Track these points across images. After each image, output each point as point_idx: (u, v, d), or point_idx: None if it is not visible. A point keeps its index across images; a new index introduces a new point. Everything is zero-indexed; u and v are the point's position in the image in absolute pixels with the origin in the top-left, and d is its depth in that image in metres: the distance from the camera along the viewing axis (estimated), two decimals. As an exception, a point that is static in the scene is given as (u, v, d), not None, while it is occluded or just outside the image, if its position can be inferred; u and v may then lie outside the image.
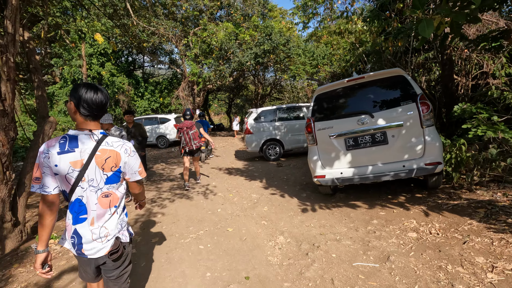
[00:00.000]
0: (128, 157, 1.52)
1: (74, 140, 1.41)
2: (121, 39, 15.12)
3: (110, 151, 1.46)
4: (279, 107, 9.18)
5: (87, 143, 1.42)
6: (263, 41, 13.70)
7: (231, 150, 12.26)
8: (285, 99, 29.11)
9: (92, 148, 1.42)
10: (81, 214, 1.47)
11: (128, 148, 1.53)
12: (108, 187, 1.49)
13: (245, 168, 8.01)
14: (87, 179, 1.43)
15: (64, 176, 1.40)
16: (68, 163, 1.38)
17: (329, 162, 3.83)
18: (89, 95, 1.40)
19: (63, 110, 17.25)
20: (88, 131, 1.44)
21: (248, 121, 9.06)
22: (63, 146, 1.39)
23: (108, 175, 1.47)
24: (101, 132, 1.49)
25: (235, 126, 17.48)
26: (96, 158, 1.43)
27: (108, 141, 1.48)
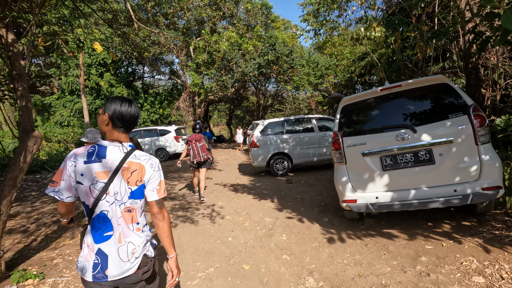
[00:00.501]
0: (153, 172, 1.47)
1: (103, 150, 1.40)
2: (121, 49, 14.75)
3: (137, 164, 1.44)
4: (287, 119, 8.67)
5: (116, 154, 1.41)
6: (267, 51, 13.35)
7: (234, 164, 11.68)
8: (286, 111, 28.75)
9: (120, 160, 1.41)
10: (106, 231, 1.40)
11: (154, 163, 1.50)
12: (131, 202, 1.44)
13: (252, 185, 7.41)
14: (112, 192, 1.39)
15: (88, 187, 1.38)
16: (94, 173, 1.37)
17: (362, 185, 3.27)
18: (124, 108, 1.43)
19: (59, 121, 16.71)
20: (118, 143, 1.44)
21: (254, 134, 8.52)
22: (91, 155, 1.38)
23: (132, 189, 1.43)
24: (130, 145, 1.48)
25: (238, 138, 16.77)
26: (122, 171, 1.41)
27: (136, 154, 1.46)
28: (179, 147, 13.27)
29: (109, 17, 10.89)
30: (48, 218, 5.29)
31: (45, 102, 18.78)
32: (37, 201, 6.70)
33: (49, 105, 18.61)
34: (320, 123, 8.68)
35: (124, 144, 1.45)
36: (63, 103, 17.61)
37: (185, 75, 16.17)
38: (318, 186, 6.40)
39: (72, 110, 16.48)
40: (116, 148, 1.42)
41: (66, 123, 16.51)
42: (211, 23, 13.78)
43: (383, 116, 3.30)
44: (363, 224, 3.83)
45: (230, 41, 12.67)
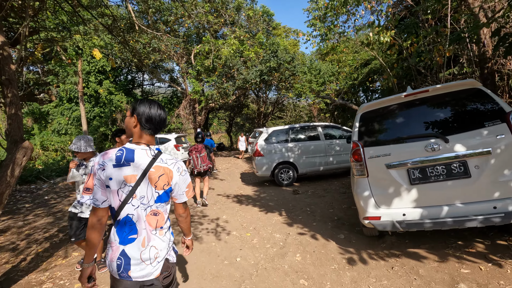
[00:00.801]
0: (180, 176, 1.48)
1: (131, 154, 1.40)
2: (120, 56, 14.55)
3: (164, 168, 1.44)
4: (291, 127, 8.39)
5: (143, 158, 1.41)
6: (269, 58, 13.17)
7: (236, 173, 11.34)
8: (287, 118, 28.54)
9: (147, 163, 1.40)
10: (131, 234, 1.41)
11: (181, 166, 1.51)
12: (157, 206, 1.45)
13: (257, 196, 7.07)
14: (138, 196, 1.40)
15: (116, 191, 1.38)
16: (122, 177, 1.37)
17: (386, 200, 2.95)
18: (153, 111, 1.44)
19: (56, 129, 16.39)
20: (145, 146, 1.44)
21: (258, 142, 8.22)
22: (120, 159, 1.38)
23: (159, 193, 1.43)
24: (157, 149, 1.48)
25: (241, 146, 15.90)
26: (150, 175, 1.40)
27: (163, 158, 1.46)
28: (179, 156, 12.94)
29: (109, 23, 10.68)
30: (40, 234, 4.92)
31: (42, 110, 18.49)
32: (30, 214, 6.33)
33: (46, 113, 18.32)
34: (326, 131, 8.40)
35: (152, 147, 1.46)
36: (61, 111, 17.32)
37: (185, 83, 15.95)
38: (327, 198, 6.07)
39: (70, 118, 16.19)
40: (143, 151, 1.42)
41: (63, 131, 16.19)
42: (212, 30, 13.62)
43: (409, 124, 3.01)
44: (384, 242, 3.50)
45: (232, 47, 12.49)
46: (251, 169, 12.10)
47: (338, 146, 8.18)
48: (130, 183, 1.38)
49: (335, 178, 8.46)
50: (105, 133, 16.23)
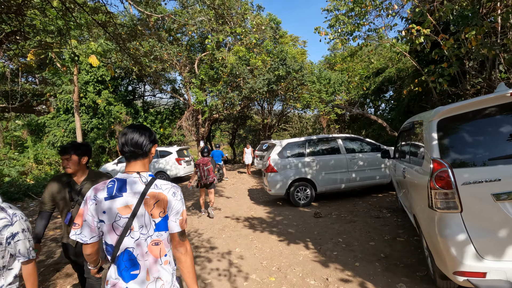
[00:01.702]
0: (175, 201, 1.39)
1: (123, 184, 1.36)
2: (120, 65, 13.84)
3: (159, 194, 1.37)
4: (308, 139, 7.46)
5: (136, 186, 1.36)
6: (277, 66, 12.41)
7: (243, 189, 10.34)
8: (292, 130, 27.70)
9: (142, 191, 1.35)
10: (133, 269, 1.34)
11: (176, 191, 1.42)
12: (158, 235, 1.37)
13: (271, 219, 6.07)
14: (136, 227, 1.33)
15: (110, 225, 1.32)
16: (116, 209, 1.32)
17: (495, 248, 1.98)
18: (126, 137, 1.40)
19: (51, 142, 15.51)
20: (136, 174, 1.39)
21: (271, 157, 7.28)
22: (111, 191, 1.35)
23: (156, 221, 1.36)
24: (150, 175, 1.42)
25: (247, 159, 14.15)
26: (145, 203, 1.34)
27: (157, 183, 1.40)
28: (180, 170, 11.99)
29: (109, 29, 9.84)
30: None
31: (39, 121, 17.69)
32: (5, 243, 5.32)
33: (43, 125, 17.51)
34: (347, 143, 7.48)
35: (143, 174, 1.40)
36: (58, 123, 16.50)
37: (188, 93, 15.18)
38: (359, 223, 5.07)
39: (66, 130, 15.34)
40: (135, 179, 1.37)
41: (58, 144, 15.30)
42: (216, 36, 12.97)
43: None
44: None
45: (238, 55, 11.76)
46: (259, 185, 11.11)
47: (361, 160, 7.22)
48: (125, 215, 1.32)
49: (358, 196, 7.47)
50: (103, 146, 15.32)
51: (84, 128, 15.53)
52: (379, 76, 13.79)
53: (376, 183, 7.31)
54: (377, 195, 7.42)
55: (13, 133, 17.76)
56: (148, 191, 1.34)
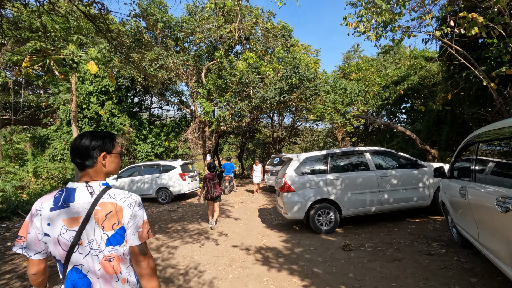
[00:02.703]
0: (132, 212, 1.29)
1: (71, 194, 1.27)
2: (124, 74, 13.20)
3: (112, 204, 1.27)
4: (330, 153, 6.38)
5: (85, 196, 1.26)
6: (289, 74, 11.52)
7: (253, 209, 9.22)
8: (303, 144, 26.62)
9: (92, 202, 1.25)
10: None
11: (134, 201, 1.32)
12: (110, 250, 1.26)
13: (289, 251, 4.94)
14: (85, 242, 1.23)
15: (56, 238, 1.22)
16: (61, 221, 1.23)
17: None
18: (73, 143, 1.33)
19: (52, 154, 14.82)
20: (84, 183, 1.29)
21: (287, 173, 6.20)
22: (58, 201, 1.25)
23: (109, 235, 1.25)
24: (103, 183, 1.32)
25: (256, 177, 12.48)
26: (95, 214, 1.24)
27: (110, 193, 1.31)
28: (184, 186, 10.98)
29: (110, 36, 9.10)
30: None
31: (42, 134, 17.14)
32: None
33: (46, 138, 16.92)
34: (376, 158, 6.36)
35: (92, 183, 1.30)
36: (61, 135, 15.88)
37: (194, 103, 14.38)
38: (407, 263, 3.90)
39: (67, 143, 14.65)
40: (84, 189, 1.28)
41: (59, 157, 14.59)
42: (225, 45, 12.25)
43: None
44: None
45: (248, 62, 10.94)
46: (271, 203, 9.98)
47: (394, 178, 6.08)
48: (72, 228, 1.22)
49: (390, 221, 6.27)
50: (104, 159, 14.53)
51: (86, 140, 14.81)
52: (399, 85, 12.73)
53: (413, 206, 6.12)
54: (414, 220, 6.21)
55: (15, 146, 17.20)
56: (98, 201, 1.25)
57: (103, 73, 14.09)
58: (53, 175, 14.44)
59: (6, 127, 18.37)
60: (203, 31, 12.44)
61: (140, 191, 11.17)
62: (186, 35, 13.37)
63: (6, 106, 18.31)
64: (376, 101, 13.95)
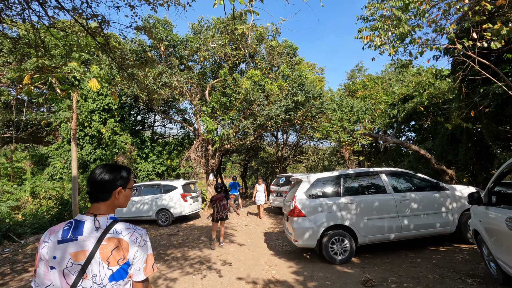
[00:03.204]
0: (138, 248, 1.30)
1: (80, 226, 1.27)
2: (127, 92, 13.04)
3: (118, 240, 1.27)
4: (343, 174, 5.92)
5: (93, 230, 1.26)
6: (295, 91, 11.27)
7: (258, 233, 8.64)
8: (308, 162, 26.12)
9: (98, 237, 1.25)
10: None
11: (139, 236, 1.32)
12: (113, 285, 1.25)
13: (302, 286, 4.38)
14: (90, 275, 1.22)
15: (61, 272, 1.21)
16: (68, 254, 1.22)
17: None
18: (91, 176, 1.35)
19: (51, 173, 14.44)
20: (93, 216, 1.30)
21: (296, 196, 5.73)
22: (66, 233, 1.25)
23: (113, 270, 1.25)
24: (111, 217, 1.33)
25: (259, 199, 11.21)
26: (101, 249, 1.24)
27: (117, 228, 1.30)
28: (186, 208, 10.44)
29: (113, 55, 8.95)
30: None
31: (42, 152, 16.85)
32: None
33: (47, 156, 16.61)
34: (393, 180, 5.89)
35: (100, 217, 1.31)
36: (61, 153, 15.56)
37: (198, 121, 14.10)
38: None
39: (66, 162, 14.31)
40: (92, 222, 1.28)
41: (58, 176, 14.19)
42: (230, 62, 12.13)
43: None
44: None
45: (253, 79, 10.73)
46: (277, 226, 9.38)
47: (414, 202, 5.57)
48: (78, 262, 1.22)
49: (410, 249, 5.70)
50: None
51: (87, 159, 14.47)
52: (408, 102, 12.42)
53: (436, 233, 5.57)
54: (437, 249, 5.64)
55: (15, 164, 16.88)
56: (105, 236, 1.26)
57: (106, 91, 13.98)
58: (51, 194, 13.98)
59: (9, 145, 18.14)
60: (207, 49, 12.36)
61: (139, 213, 10.65)
62: (190, 53, 13.32)
63: (9, 124, 18.20)
64: (383, 119, 13.60)
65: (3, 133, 16.16)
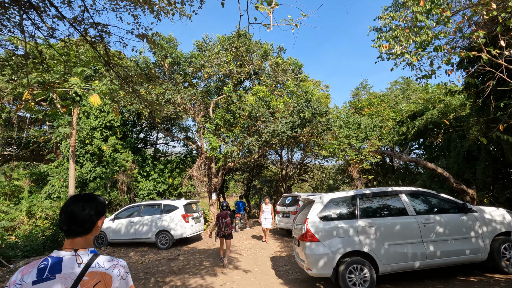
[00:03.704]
0: (120, 281, 1.26)
1: (57, 264, 1.19)
2: (129, 108, 12.83)
3: (101, 274, 1.23)
4: (359, 194, 5.44)
5: (72, 267, 1.20)
6: (302, 108, 10.97)
7: (264, 257, 8.02)
8: (313, 181, 25.47)
9: (78, 273, 1.19)
10: None
11: (122, 268, 1.29)
12: None
13: (320, 324, 3.79)
14: None
15: None
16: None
17: None
18: (63, 209, 1.28)
19: (48, 192, 13.98)
20: (72, 251, 1.23)
21: (309, 219, 5.22)
22: (42, 273, 1.16)
23: None
24: (92, 251, 1.28)
25: (265, 222, 10.14)
26: (82, 286, 1.18)
27: (99, 261, 1.26)
28: (187, 229, 9.86)
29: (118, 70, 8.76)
30: None
31: (42, 170, 16.48)
32: None
33: (46, 174, 16.21)
34: (415, 200, 5.39)
35: (81, 252, 1.24)
36: (61, 172, 15.17)
37: (201, 139, 13.77)
38: None
39: (65, 180, 13.88)
40: (71, 258, 1.21)
41: (56, 195, 13.72)
42: (234, 79, 11.96)
43: None
44: None
45: (258, 95, 10.47)
46: (284, 250, 8.74)
47: (440, 225, 5.04)
48: None
49: (437, 279, 5.09)
50: (102, 198, 13.56)
51: (86, 177, 14.05)
52: (417, 119, 12.05)
53: (466, 261, 4.99)
54: (467, 279, 5.04)
55: (13, 183, 16.47)
56: (86, 271, 1.20)
57: (108, 108, 13.80)
58: (48, 214, 13.46)
59: (9, 163, 17.82)
60: (212, 66, 12.24)
61: (137, 235, 10.07)
62: (195, 70, 13.21)
63: (11, 142, 17.99)
64: (392, 137, 13.19)
65: (3, 151, 15.88)
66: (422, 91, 16.16)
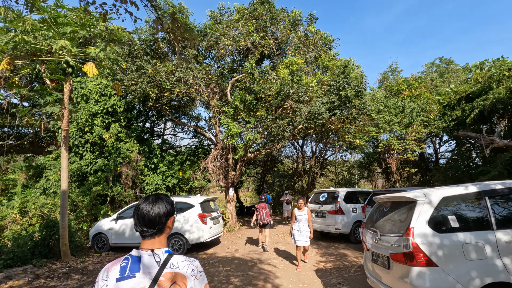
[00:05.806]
0: (195, 281, 1.25)
1: (137, 263, 1.20)
2: (135, 88, 11.02)
3: (176, 274, 1.21)
4: (487, 189, 3.51)
5: (150, 266, 1.20)
6: (342, 85, 9.02)
7: (307, 271, 6.16)
8: (334, 176, 23.54)
9: (155, 273, 1.19)
10: None
11: (195, 268, 1.27)
12: None
13: None
14: None
15: None
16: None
17: None
18: (142, 208, 1.27)
19: (44, 186, 12.32)
20: (150, 251, 1.23)
21: (414, 228, 3.32)
22: (124, 270, 1.18)
23: None
24: (166, 251, 1.27)
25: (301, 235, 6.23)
26: (159, 286, 1.17)
27: (173, 261, 1.24)
28: (205, 233, 8.05)
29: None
30: None
31: (39, 163, 14.83)
32: None
33: (43, 167, 14.57)
34: None
35: (157, 251, 1.24)
36: (59, 164, 13.50)
37: (216, 126, 11.91)
38: None
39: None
40: (149, 258, 1.22)
41: (52, 190, 12.06)
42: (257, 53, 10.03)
43: None
44: None
45: (291, 68, 8.55)
46: (328, 260, 6.84)
47: None
48: None
49: None
50: (102, 194, 11.82)
51: (86, 170, 12.34)
52: (476, 100, 10.01)
53: None
54: None
55: (7, 176, 14.86)
56: (163, 272, 1.19)
57: (110, 90, 12.01)
58: (43, 212, 11.80)
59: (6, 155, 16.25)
60: (229, 39, 10.31)
61: (145, 238, 8.30)
62: (208, 45, 11.30)
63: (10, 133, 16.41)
64: (445, 120, 11.18)
65: None
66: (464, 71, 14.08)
